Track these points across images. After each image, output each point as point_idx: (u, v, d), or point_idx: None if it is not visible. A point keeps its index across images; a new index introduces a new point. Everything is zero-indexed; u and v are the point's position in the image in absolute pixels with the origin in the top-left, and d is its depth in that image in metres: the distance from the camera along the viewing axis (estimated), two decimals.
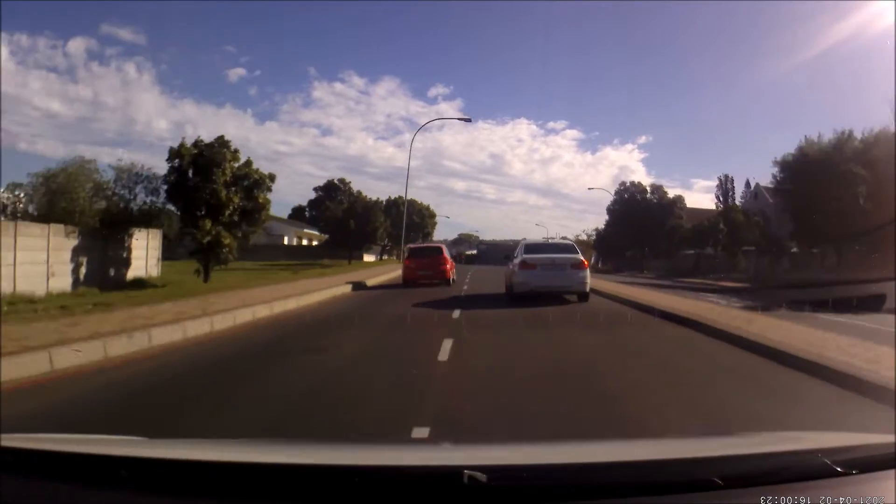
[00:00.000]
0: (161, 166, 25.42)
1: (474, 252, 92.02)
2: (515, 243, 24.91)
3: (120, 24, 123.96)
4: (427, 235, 75.16)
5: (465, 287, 21.10)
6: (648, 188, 59.65)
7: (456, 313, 12.06)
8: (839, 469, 1.50)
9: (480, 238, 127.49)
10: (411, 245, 30.48)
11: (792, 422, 4.49)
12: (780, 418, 4.64)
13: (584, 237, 70.88)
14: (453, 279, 23.02)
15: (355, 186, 68.16)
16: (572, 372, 6.45)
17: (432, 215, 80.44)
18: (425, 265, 22.36)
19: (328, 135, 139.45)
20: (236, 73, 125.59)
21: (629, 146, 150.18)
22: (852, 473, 1.50)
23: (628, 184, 60.85)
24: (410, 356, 7.33)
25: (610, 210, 60.53)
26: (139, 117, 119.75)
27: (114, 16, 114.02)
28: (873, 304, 14.86)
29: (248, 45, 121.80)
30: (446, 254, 23.44)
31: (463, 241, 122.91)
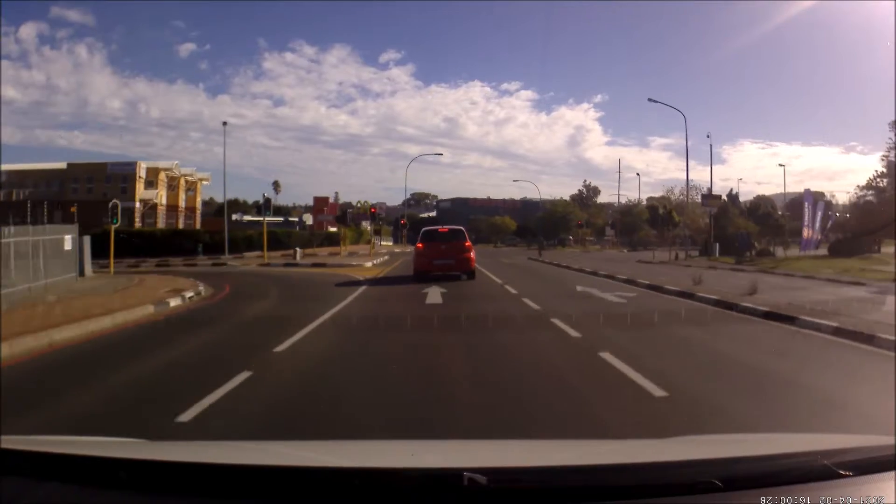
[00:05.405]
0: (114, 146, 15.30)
1: (433, 216, 61.82)
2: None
3: (69, 5, 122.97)
4: None
5: None
6: None
7: None
8: (839, 471, 1.50)
9: (439, 197, 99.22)
10: (426, 227, 20.62)
11: None
12: None
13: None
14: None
15: (310, 156, 26.54)
16: None
17: None
18: (443, 252, 17.19)
19: (281, 105, 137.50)
20: (186, 48, 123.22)
21: (584, 105, 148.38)
22: (852, 475, 1.50)
23: None
24: None
25: None
26: (92, 98, 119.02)
27: None
28: None
29: (198, 20, 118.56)
30: (468, 238, 18.14)
31: (416, 202, 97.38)
